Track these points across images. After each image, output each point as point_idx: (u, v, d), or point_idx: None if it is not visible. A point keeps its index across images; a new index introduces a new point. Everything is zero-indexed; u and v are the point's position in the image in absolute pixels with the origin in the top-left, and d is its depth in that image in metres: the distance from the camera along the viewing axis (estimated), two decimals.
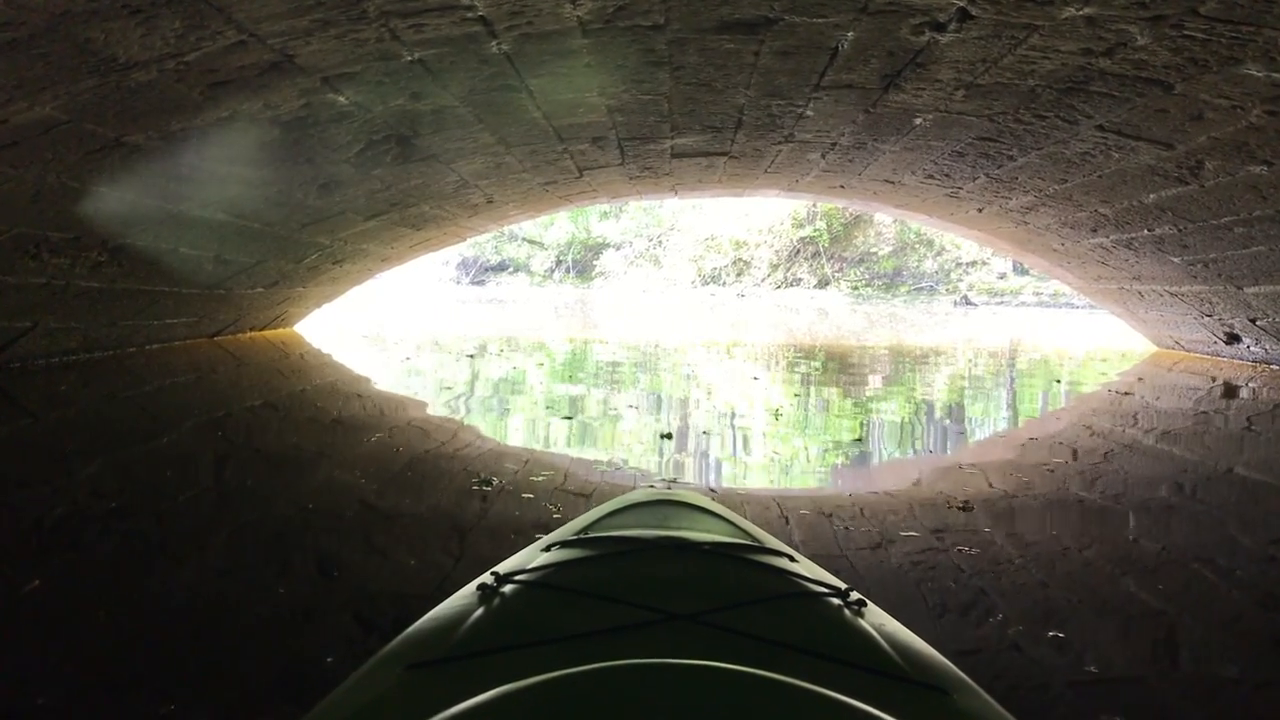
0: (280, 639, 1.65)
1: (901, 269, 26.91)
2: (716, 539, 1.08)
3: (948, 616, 1.81)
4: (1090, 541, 2.37)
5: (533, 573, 0.95)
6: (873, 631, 0.84)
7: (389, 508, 2.61)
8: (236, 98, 3.34)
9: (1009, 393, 6.32)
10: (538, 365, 7.10)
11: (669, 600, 0.84)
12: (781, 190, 8.08)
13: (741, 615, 0.81)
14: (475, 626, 0.84)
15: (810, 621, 0.85)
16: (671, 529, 1.15)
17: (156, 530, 2.33)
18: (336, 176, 4.82)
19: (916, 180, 6.31)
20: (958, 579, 2.04)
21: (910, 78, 3.96)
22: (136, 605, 1.79)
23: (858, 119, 4.77)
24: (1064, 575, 2.10)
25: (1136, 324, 8.92)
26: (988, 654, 1.64)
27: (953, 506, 2.68)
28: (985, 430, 4.68)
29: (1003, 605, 1.88)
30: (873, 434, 4.32)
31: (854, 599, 0.91)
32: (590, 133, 5.10)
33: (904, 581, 2.02)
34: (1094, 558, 2.23)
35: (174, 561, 2.07)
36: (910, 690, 0.74)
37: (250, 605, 1.80)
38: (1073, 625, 1.78)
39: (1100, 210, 5.87)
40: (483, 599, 0.89)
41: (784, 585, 0.93)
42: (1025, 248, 8.18)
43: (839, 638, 0.82)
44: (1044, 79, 3.76)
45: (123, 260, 4.75)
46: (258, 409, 4.59)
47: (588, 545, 1.03)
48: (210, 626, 1.70)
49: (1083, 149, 4.70)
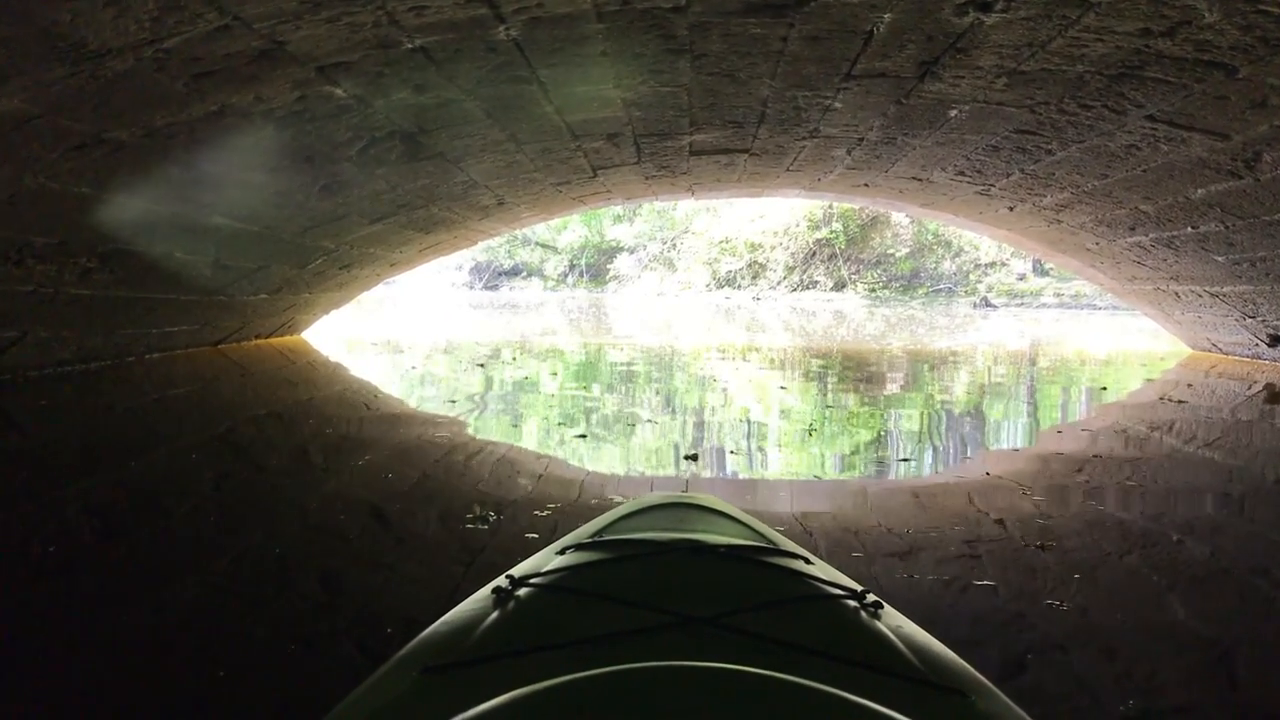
0: (280, 671, 1.55)
1: (919, 271, 26.53)
2: (732, 541, 1.06)
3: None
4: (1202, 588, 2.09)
5: (548, 576, 0.94)
6: (890, 634, 0.83)
7: (393, 528, 2.36)
8: (224, 90, 3.10)
9: (1054, 400, 6.03)
10: (551, 374, 6.85)
11: (685, 603, 0.82)
12: (802, 190, 7.81)
13: (758, 618, 0.80)
14: (491, 630, 0.83)
15: (827, 624, 0.84)
16: (687, 531, 1.13)
17: (150, 553, 2.21)
18: (338, 177, 4.58)
19: (946, 177, 6.03)
20: (1046, 637, 1.77)
21: (949, 64, 3.69)
22: (124, 634, 1.67)
23: (888, 111, 4.50)
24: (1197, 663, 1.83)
25: (1170, 326, 8.59)
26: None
27: (1029, 546, 2.40)
28: (1047, 445, 4.39)
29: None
30: (922, 454, 4.05)
31: (870, 601, 0.89)
32: (605, 129, 4.85)
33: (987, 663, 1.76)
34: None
35: (168, 586, 1.94)
36: (929, 693, 0.73)
37: (247, 633, 1.70)
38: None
39: (1141, 207, 5.58)
40: (498, 602, 0.88)
41: (800, 588, 0.92)
42: (1056, 247, 7.88)
43: (856, 640, 0.81)
44: (1094, 64, 3.48)
45: (115, 266, 4.53)
46: (261, 419, 4.42)
47: (603, 548, 1.02)
48: (203, 657, 1.59)
49: (1128, 141, 4.41)
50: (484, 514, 2.54)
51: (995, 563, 2.18)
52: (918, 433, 4.41)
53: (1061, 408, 5.72)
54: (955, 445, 4.21)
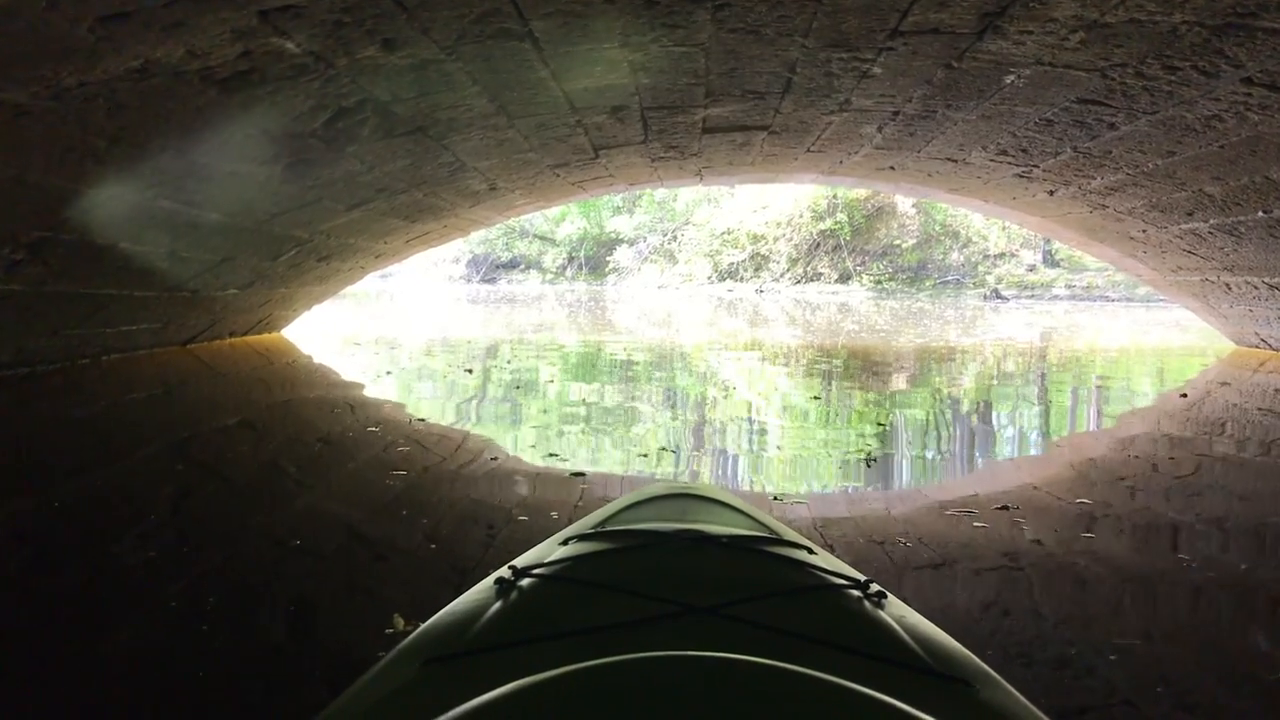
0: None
1: (926, 262, 25.93)
2: (735, 531, 1.04)
3: None
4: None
5: (550, 566, 0.93)
6: (894, 624, 0.81)
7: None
8: (143, 39, 2.51)
9: (1096, 403, 5.45)
10: (547, 382, 6.28)
11: (688, 593, 0.81)
12: (820, 174, 7.22)
13: (761, 608, 0.79)
14: (493, 620, 0.82)
15: (830, 614, 0.82)
16: (689, 522, 1.10)
17: (88, 586, 1.91)
18: (303, 155, 4.00)
19: (986, 157, 5.44)
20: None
21: (1018, 16, 3.11)
22: (52, 688, 1.44)
23: (934, 77, 3.92)
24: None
25: (1214, 319, 8.02)
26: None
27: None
28: (1121, 468, 3.81)
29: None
30: (977, 480, 3.48)
31: (874, 591, 0.87)
32: (609, 100, 4.26)
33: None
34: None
35: (112, 621, 1.69)
36: (933, 683, 0.71)
37: (198, 675, 1.49)
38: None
39: (1206, 189, 5.00)
40: (500, 593, 0.87)
41: (803, 577, 0.90)
42: (1093, 235, 7.30)
43: (860, 630, 0.79)
44: (1197, 11, 2.90)
45: (49, 259, 3.94)
46: (232, 429, 3.89)
47: (606, 539, 1.01)
48: (152, 701, 1.40)
49: (1211, 111, 3.83)
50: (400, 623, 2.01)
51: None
52: (966, 447, 3.84)
53: (1157, 417, 5.15)
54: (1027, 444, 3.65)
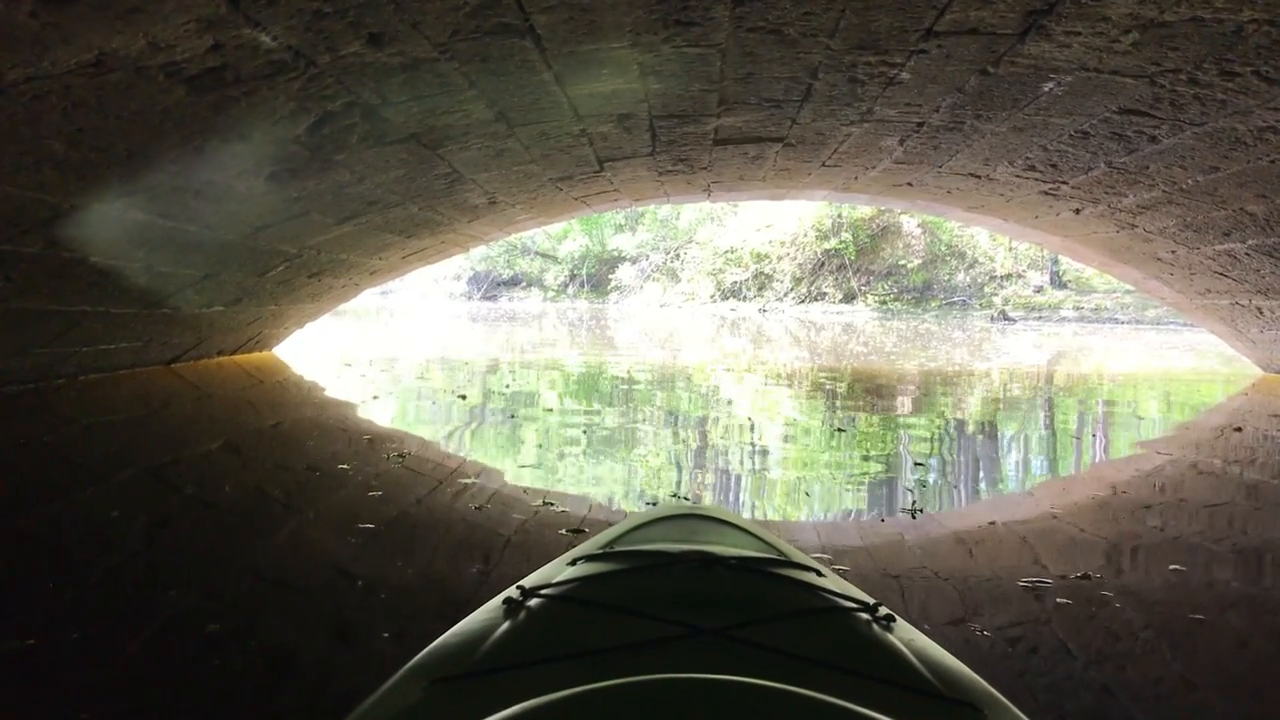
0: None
1: (932, 282, 25.65)
2: (743, 553, 1.02)
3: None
4: None
5: (558, 587, 0.92)
6: (902, 647, 0.80)
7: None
8: (96, 28, 2.23)
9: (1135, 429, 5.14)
10: (545, 411, 5.98)
11: (695, 615, 0.81)
12: (833, 190, 6.95)
13: (769, 630, 0.78)
14: (501, 641, 0.81)
15: (839, 637, 0.82)
16: (697, 543, 1.08)
17: (45, 627, 1.77)
18: (287, 163, 3.71)
19: (1012, 173, 5.16)
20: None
21: (1067, 14, 2.83)
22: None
23: (966, 85, 3.64)
24: None
25: (1242, 344, 7.71)
26: None
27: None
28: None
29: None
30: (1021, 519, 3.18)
31: (883, 614, 0.86)
32: (616, 107, 3.98)
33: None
34: None
35: (78, 669, 1.58)
36: (942, 707, 0.70)
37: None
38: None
39: (1249, 208, 4.71)
40: (508, 613, 0.87)
41: (812, 600, 0.89)
42: (1117, 256, 7.00)
43: (868, 653, 0.78)
44: (1270, 8, 2.62)
45: (10, 273, 3.66)
46: (214, 454, 3.63)
47: (613, 559, 1.00)
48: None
49: (1266, 123, 3.55)
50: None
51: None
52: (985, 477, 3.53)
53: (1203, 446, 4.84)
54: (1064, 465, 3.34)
